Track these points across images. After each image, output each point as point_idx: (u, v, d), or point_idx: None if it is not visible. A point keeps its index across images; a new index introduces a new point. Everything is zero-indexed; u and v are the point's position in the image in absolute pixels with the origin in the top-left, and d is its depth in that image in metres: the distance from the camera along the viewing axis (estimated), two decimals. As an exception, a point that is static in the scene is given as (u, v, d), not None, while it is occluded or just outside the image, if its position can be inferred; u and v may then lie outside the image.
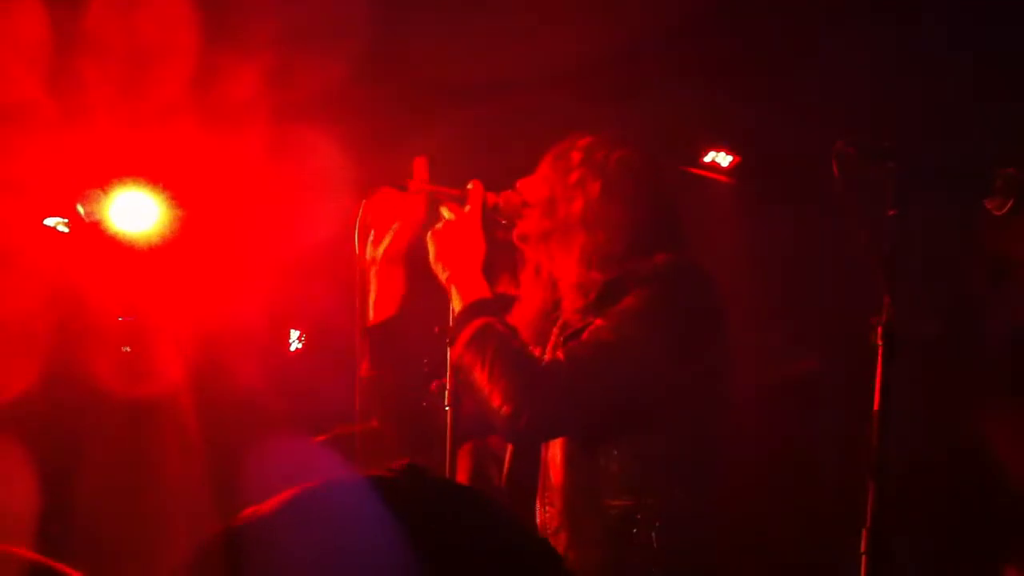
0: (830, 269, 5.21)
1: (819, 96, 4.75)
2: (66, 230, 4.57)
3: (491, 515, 1.17)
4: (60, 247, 4.55)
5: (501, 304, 2.68)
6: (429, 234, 2.71)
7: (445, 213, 2.72)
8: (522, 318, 2.77)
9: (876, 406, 2.39)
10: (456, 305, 2.63)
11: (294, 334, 5.23)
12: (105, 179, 4.37)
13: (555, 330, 2.71)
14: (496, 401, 2.50)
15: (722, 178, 5.76)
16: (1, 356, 4.36)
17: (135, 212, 4.40)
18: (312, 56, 4.20)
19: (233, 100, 4.22)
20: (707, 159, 5.72)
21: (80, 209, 4.38)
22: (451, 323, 2.63)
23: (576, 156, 2.72)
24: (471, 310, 2.60)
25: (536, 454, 2.76)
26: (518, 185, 2.79)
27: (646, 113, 4.94)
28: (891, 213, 2.36)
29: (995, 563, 4.22)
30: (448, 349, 2.62)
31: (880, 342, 2.33)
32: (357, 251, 2.72)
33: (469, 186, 2.69)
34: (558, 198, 2.71)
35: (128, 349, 4.90)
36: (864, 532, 2.53)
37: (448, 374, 2.64)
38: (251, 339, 4.79)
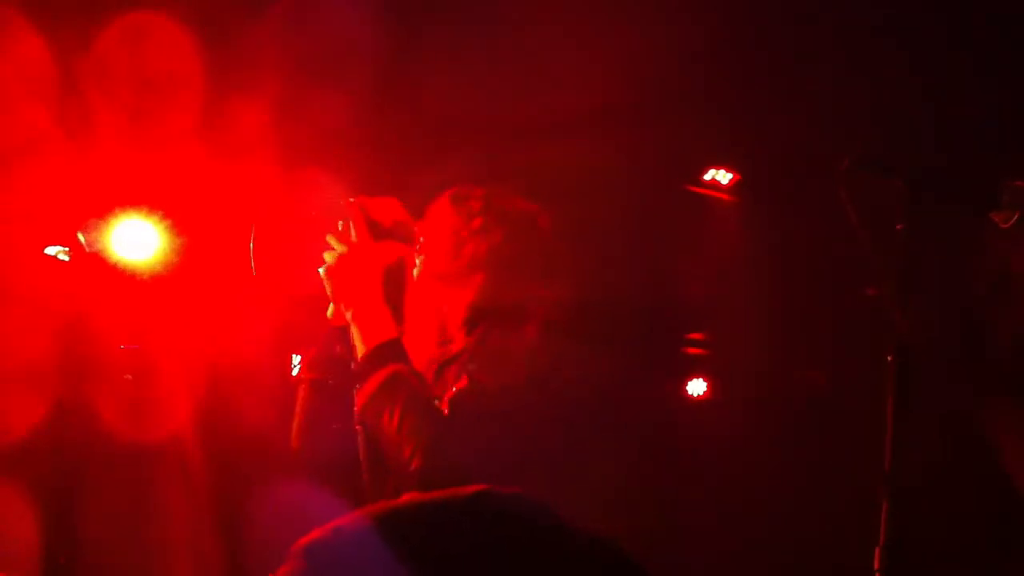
0: (834, 283, 5.20)
1: (820, 111, 4.76)
2: (67, 259, 4.56)
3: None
4: (61, 276, 4.54)
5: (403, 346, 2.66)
6: (323, 271, 2.70)
7: (335, 245, 2.70)
8: (412, 352, 2.75)
9: (889, 424, 2.38)
10: (360, 348, 2.61)
11: (296, 360, 5.21)
12: (107, 208, 4.37)
13: (452, 368, 2.68)
14: (406, 453, 2.48)
15: (723, 196, 5.77)
16: (5, 390, 4.35)
17: (137, 241, 4.39)
18: (320, 89, 4.22)
19: (238, 130, 4.22)
20: (707, 177, 5.73)
21: (81, 238, 4.37)
22: (355, 367, 2.61)
23: (476, 204, 2.78)
24: (376, 355, 2.58)
25: None
26: (417, 228, 2.80)
27: (648, 133, 4.95)
28: (899, 228, 2.37)
29: (998, 567, 4.21)
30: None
31: (892, 358, 2.32)
32: (254, 272, 2.71)
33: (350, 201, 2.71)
34: (463, 240, 2.73)
35: (130, 377, 4.88)
36: (877, 550, 2.51)
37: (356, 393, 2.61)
38: (254, 367, 4.77)
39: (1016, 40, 4.11)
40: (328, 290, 2.70)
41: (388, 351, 2.59)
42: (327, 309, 2.83)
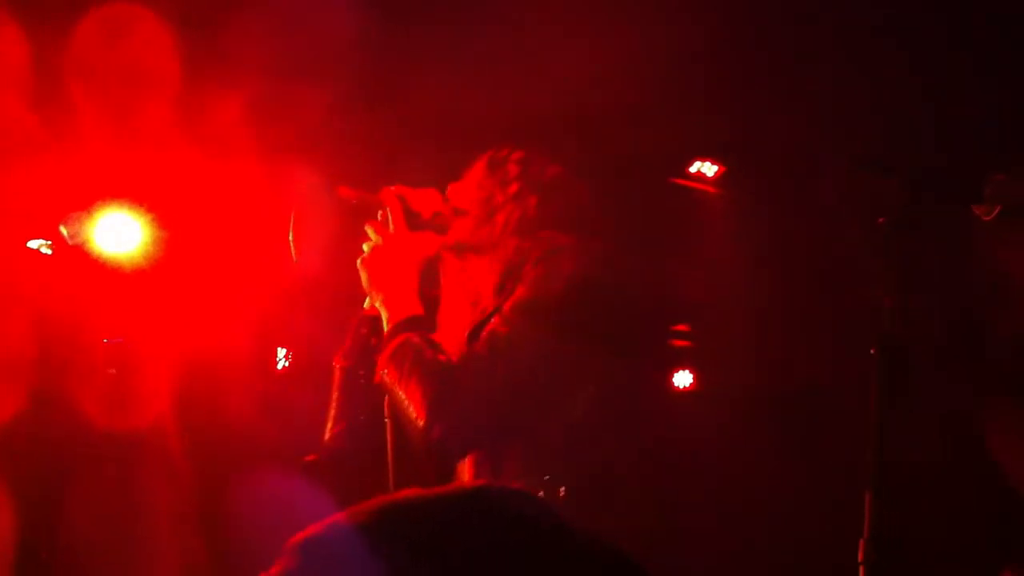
0: (822, 275, 5.20)
1: (806, 105, 4.75)
2: (49, 252, 4.53)
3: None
4: (44, 269, 4.51)
5: (426, 321, 2.67)
6: (359, 261, 2.71)
7: (372, 235, 2.72)
8: (451, 327, 2.75)
9: (873, 415, 2.37)
10: (385, 327, 2.64)
11: (280, 353, 5.20)
12: (89, 201, 4.34)
13: (482, 331, 2.69)
14: (413, 414, 2.51)
15: (708, 188, 5.76)
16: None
17: (119, 234, 4.37)
18: (302, 83, 4.20)
19: (219, 123, 4.20)
20: (693, 169, 5.71)
21: (64, 231, 4.34)
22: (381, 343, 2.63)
23: (513, 169, 2.76)
24: (395, 330, 2.62)
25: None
26: (449, 190, 2.79)
27: (635, 127, 4.94)
28: (880, 221, 2.36)
29: (996, 566, 4.21)
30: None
31: (877, 351, 2.31)
32: (294, 258, 2.72)
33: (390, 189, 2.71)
34: (496, 207, 2.73)
35: (113, 371, 4.86)
36: (861, 542, 2.51)
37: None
38: (237, 361, 4.76)
39: (1016, 40, 4.10)
40: (363, 280, 2.70)
41: (406, 325, 2.62)
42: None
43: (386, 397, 2.62)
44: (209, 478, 4.79)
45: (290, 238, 2.71)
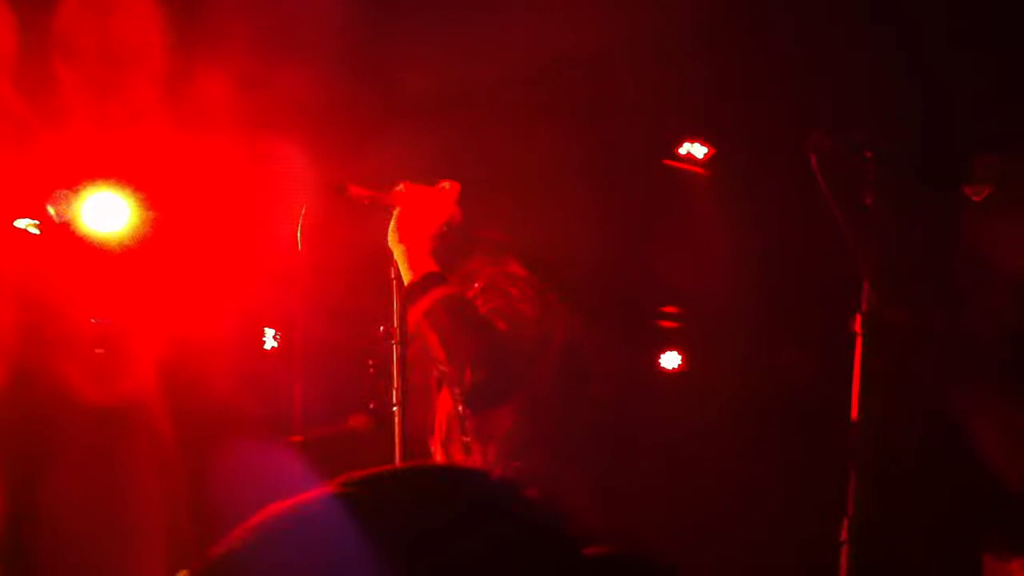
0: (808, 259, 5.21)
1: (794, 86, 4.75)
2: (37, 232, 4.52)
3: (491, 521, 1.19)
4: (30, 249, 4.50)
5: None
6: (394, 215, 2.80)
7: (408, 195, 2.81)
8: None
9: (855, 395, 2.39)
10: (407, 277, 2.74)
11: (269, 332, 5.20)
12: (76, 180, 4.33)
13: (476, 284, 2.80)
14: (456, 359, 2.63)
15: (698, 169, 5.76)
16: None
17: (106, 213, 4.36)
18: (286, 60, 4.19)
19: (206, 102, 4.19)
20: (683, 151, 5.71)
21: (51, 210, 4.33)
22: (406, 293, 2.72)
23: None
24: (429, 280, 2.69)
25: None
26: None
27: (623, 106, 4.94)
28: (868, 202, 2.37)
29: (973, 550, 4.24)
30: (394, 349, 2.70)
31: (859, 331, 2.33)
32: (300, 247, 2.80)
33: (400, 188, 2.80)
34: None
35: (101, 351, 4.85)
36: (845, 520, 2.53)
37: (396, 373, 2.70)
38: (224, 341, 4.76)
39: (986, 12, 4.11)
40: (392, 227, 2.79)
41: (438, 278, 2.71)
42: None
43: (394, 385, 2.70)
44: (196, 458, 4.79)
45: (298, 231, 2.79)
